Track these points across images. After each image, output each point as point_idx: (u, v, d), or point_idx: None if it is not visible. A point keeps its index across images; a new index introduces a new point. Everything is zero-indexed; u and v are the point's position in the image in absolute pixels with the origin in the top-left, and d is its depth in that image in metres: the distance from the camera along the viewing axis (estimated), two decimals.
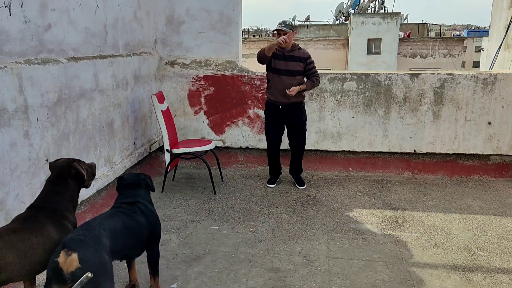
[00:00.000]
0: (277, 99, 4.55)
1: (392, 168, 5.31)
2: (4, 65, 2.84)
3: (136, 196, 2.72)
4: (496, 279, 3.03)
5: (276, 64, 4.50)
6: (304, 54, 4.54)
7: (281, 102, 4.55)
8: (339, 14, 36.28)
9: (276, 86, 4.52)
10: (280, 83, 4.48)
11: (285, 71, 4.49)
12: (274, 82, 4.54)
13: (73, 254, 2.02)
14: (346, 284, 2.96)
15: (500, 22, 6.03)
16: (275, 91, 4.54)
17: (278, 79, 4.50)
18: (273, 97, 4.59)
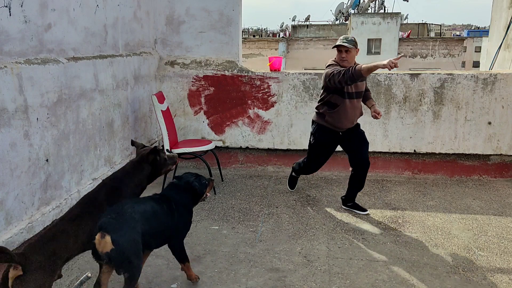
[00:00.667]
0: (342, 126, 3.97)
1: (392, 168, 5.31)
2: (4, 65, 2.85)
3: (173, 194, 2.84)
4: (496, 279, 3.03)
5: (349, 87, 3.83)
6: None
7: (344, 128, 3.99)
8: (339, 14, 36.30)
9: (346, 112, 3.88)
10: (352, 108, 3.89)
11: (356, 94, 3.89)
12: (345, 107, 3.86)
13: (106, 236, 2.25)
14: (346, 284, 2.96)
15: (500, 22, 6.03)
16: (344, 118, 3.91)
17: (350, 103, 3.86)
18: (338, 124, 3.94)
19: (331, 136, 4.04)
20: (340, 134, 4.02)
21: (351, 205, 4.19)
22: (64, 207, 3.48)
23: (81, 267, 3.15)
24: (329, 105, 3.93)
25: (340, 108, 3.87)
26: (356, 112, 3.96)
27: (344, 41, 3.85)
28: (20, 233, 2.95)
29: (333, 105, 3.90)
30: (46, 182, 3.29)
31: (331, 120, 3.94)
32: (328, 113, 3.94)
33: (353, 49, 3.83)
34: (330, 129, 4.00)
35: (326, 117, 3.96)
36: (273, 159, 5.52)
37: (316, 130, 4.09)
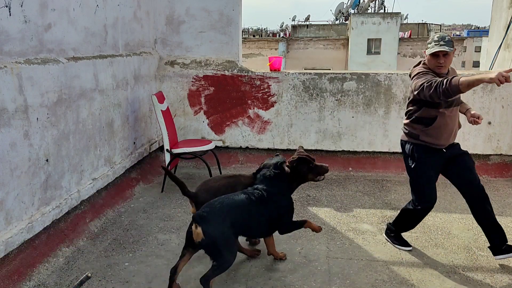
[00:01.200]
0: (442, 141, 3.22)
1: (392, 168, 5.31)
2: (4, 65, 2.84)
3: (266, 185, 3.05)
4: (496, 279, 3.03)
5: None
6: (455, 72, 3.34)
7: (446, 144, 3.25)
8: (339, 14, 36.29)
9: (446, 125, 3.17)
10: (452, 118, 3.19)
11: (455, 102, 3.17)
12: (444, 119, 3.15)
13: (198, 227, 2.62)
14: (346, 284, 2.96)
15: (500, 22, 6.03)
16: (444, 132, 3.19)
17: (449, 113, 3.15)
18: (437, 140, 3.21)
19: (434, 156, 3.26)
20: (444, 151, 3.26)
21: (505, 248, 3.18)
22: (64, 207, 3.48)
23: (81, 267, 3.16)
24: (423, 122, 3.22)
25: (437, 122, 3.15)
26: (455, 121, 3.25)
27: (441, 43, 3.04)
28: (20, 233, 2.95)
29: (428, 121, 3.19)
30: (46, 182, 3.29)
31: (429, 138, 3.22)
32: (422, 132, 3.23)
33: (451, 52, 3.09)
34: (429, 148, 3.25)
35: (421, 136, 3.24)
36: None
37: (413, 150, 3.31)
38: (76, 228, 3.61)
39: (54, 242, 3.32)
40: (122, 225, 3.87)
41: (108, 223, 3.89)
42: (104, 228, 3.80)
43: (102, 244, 3.52)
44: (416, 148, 3.29)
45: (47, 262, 3.15)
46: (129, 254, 3.36)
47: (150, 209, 4.22)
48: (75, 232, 3.57)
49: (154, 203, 4.38)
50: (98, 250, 3.42)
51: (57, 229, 3.42)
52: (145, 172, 5.02)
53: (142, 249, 3.43)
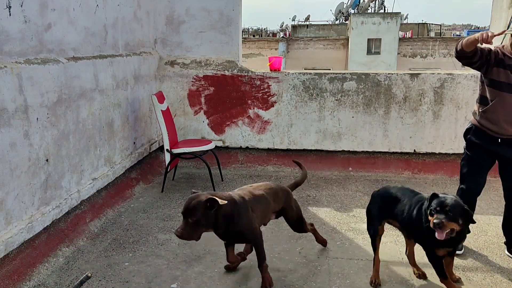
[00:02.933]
0: (500, 130, 3.07)
1: (392, 168, 5.31)
2: (4, 65, 2.84)
3: None
4: (496, 279, 3.03)
5: (503, 75, 2.97)
6: None
7: (505, 134, 3.08)
8: (339, 14, 36.30)
9: (503, 111, 3.01)
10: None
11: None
12: (502, 104, 3.00)
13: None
14: (346, 284, 2.96)
15: (500, 22, 6.02)
16: (500, 118, 3.02)
17: (510, 99, 2.98)
18: (493, 126, 3.07)
19: (486, 142, 3.14)
20: (499, 141, 3.11)
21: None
22: (64, 207, 3.48)
23: (81, 267, 3.16)
24: (481, 101, 3.13)
25: (494, 105, 3.02)
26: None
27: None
28: (20, 233, 2.96)
29: (485, 100, 3.08)
30: (46, 182, 3.29)
31: (484, 121, 3.10)
32: (481, 113, 3.13)
33: None
34: (483, 133, 3.13)
35: (479, 117, 3.14)
36: (273, 159, 5.51)
37: (468, 130, 3.26)
38: (76, 228, 3.61)
39: (54, 242, 3.32)
40: (122, 225, 3.87)
41: (108, 223, 3.89)
42: (104, 228, 3.80)
43: (102, 244, 3.52)
44: (472, 130, 3.22)
45: (47, 262, 3.15)
46: (129, 254, 3.36)
47: (150, 209, 4.22)
48: (75, 232, 3.57)
49: (154, 203, 4.38)
50: (98, 250, 3.42)
51: (57, 229, 3.42)
52: (145, 172, 5.03)
53: (142, 249, 3.43)
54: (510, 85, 2.96)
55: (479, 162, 3.21)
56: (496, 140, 3.12)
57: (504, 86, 2.97)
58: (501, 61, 2.99)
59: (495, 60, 3.00)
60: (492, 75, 3.01)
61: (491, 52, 3.01)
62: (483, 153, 3.19)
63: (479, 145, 3.19)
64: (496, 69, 2.99)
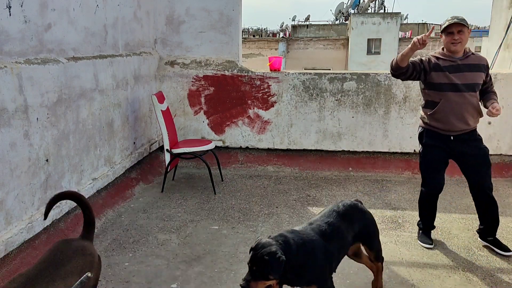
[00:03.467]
0: (449, 127, 3.26)
1: (392, 168, 5.31)
2: (4, 65, 2.84)
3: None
4: (496, 279, 3.03)
5: (443, 77, 3.21)
6: (483, 61, 3.32)
7: (454, 130, 3.26)
8: (339, 14, 36.31)
9: (450, 109, 3.21)
10: (457, 103, 3.20)
11: (462, 86, 3.18)
12: (447, 103, 3.21)
13: None
14: (346, 284, 2.96)
15: (500, 22, 6.03)
16: (449, 116, 3.23)
17: (454, 97, 3.20)
18: (442, 125, 3.27)
19: (439, 141, 3.32)
20: (452, 139, 3.28)
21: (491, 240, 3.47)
22: (64, 207, 3.48)
23: None
24: (427, 105, 3.34)
25: (441, 105, 3.22)
26: (468, 108, 3.20)
27: (455, 20, 3.12)
28: (20, 233, 2.96)
29: (432, 104, 3.28)
30: (46, 182, 3.29)
31: (434, 121, 3.29)
32: (429, 116, 3.31)
33: (466, 31, 3.16)
34: (435, 133, 3.32)
35: (429, 120, 3.32)
36: (273, 159, 5.52)
37: (422, 134, 3.42)
38: (76, 228, 3.61)
39: (54, 242, 3.31)
40: (122, 225, 3.87)
41: (108, 223, 3.89)
42: (104, 228, 3.80)
43: (102, 244, 3.52)
44: (424, 133, 3.40)
45: None
46: (129, 254, 3.36)
47: (150, 209, 4.22)
48: (75, 232, 3.57)
49: (154, 203, 4.38)
50: (98, 250, 3.41)
51: (57, 229, 3.42)
52: (145, 172, 5.03)
53: (142, 249, 3.43)
54: (450, 84, 3.19)
55: (436, 163, 3.39)
56: (449, 138, 3.30)
57: (445, 87, 3.21)
58: (437, 65, 3.23)
59: (430, 66, 3.24)
60: (433, 79, 3.24)
61: (422, 61, 3.27)
62: (439, 154, 3.36)
63: (435, 146, 3.35)
64: (435, 73, 3.23)
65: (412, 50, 3.07)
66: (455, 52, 3.22)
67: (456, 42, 3.18)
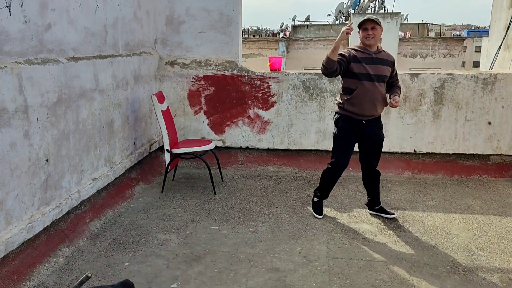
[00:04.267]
0: (363, 112, 3.72)
1: (392, 168, 5.31)
2: (4, 65, 2.84)
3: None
4: (496, 279, 3.03)
5: (361, 67, 3.65)
6: (391, 57, 3.82)
7: (367, 115, 3.75)
8: (339, 14, 36.30)
9: (364, 95, 3.66)
10: (370, 91, 3.66)
11: (375, 76, 3.65)
12: (363, 90, 3.65)
13: None
14: (346, 284, 2.96)
15: (500, 22, 6.03)
16: (363, 102, 3.68)
17: (368, 85, 3.65)
18: (358, 110, 3.71)
19: (353, 125, 3.79)
20: (364, 123, 3.78)
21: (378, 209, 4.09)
22: (64, 207, 3.48)
23: (81, 267, 3.16)
24: (345, 91, 3.75)
25: (357, 93, 3.67)
26: (378, 96, 3.70)
27: (369, 16, 3.71)
28: (20, 233, 2.96)
29: (349, 90, 3.71)
30: (46, 182, 3.29)
31: (350, 106, 3.72)
32: (346, 101, 3.74)
33: (379, 28, 3.66)
34: (349, 118, 3.77)
35: (345, 105, 3.75)
36: (273, 159, 5.52)
37: (338, 119, 3.85)
38: (76, 228, 3.61)
39: (54, 242, 3.32)
40: (122, 225, 3.87)
41: (108, 223, 3.89)
42: (104, 228, 3.81)
43: (102, 244, 3.52)
44: (340, 118, 3.84)
45: (47, 262, 3.15)
46: (129, 254, 3.36)
47: (150, 209, 4.22)
48: (75, 232, 3.57)
49: (154, 203, 4.38)
50: (98, 250, 3.42)
51: (57, 229, 3.42)
52: (145, 172, 5.03)
53: (142, 249, 3.43)
54: (366, 74, 3.65)
55: (348, 146, 3.91)
56: (361, 122, 3.78)
57: (362, 76, 3.66)
58: (355, 57, 3.66)
59: (350, 57, 3.66)
60: (352, 69, 3.67)
61: (344, 55, 3.67)
62: (351, 138, 3.87)
63: (349, 131, 3.83)
64: (354, 64, 3.66)
65: (341, 40, 3.47)
66: (369, 46, 3.70)
67: (370, 37, 3.67)
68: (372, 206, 4.12)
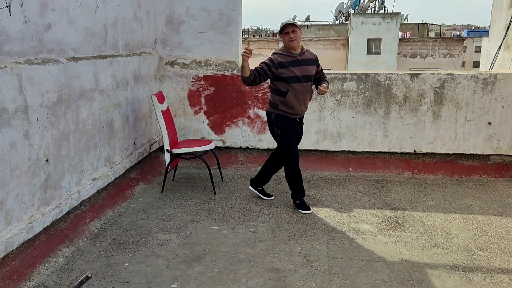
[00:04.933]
0: (297, 112, 4.04)
1: (392, 168, 5.31)
2: (4, 65, 2.84)
3: None
4: (496, 279, 3.03)
5: (289, 72, 3.90)
6: (314, 55, 4.13)
7: (299, 114, 4.10)
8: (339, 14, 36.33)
9: (296, 97, 3.95)
10: (300, 92, 3.97)
11: (303, 77, 3.95)
12: (294, 93, 3.94)
13: None
14: (346, 284, 2.96)
15: (500, 22, 6.03)
16: (295, 104, 3.98)
17: (298, 87, 3.94)
18: (291, 110, 4.00)
19: (292, 123, 4.08)
20: (298, 120, 4.12)
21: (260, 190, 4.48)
22: (64, 207, 3.48)
23: (81, 267, 3.16)
24: (277, 93, 4.01)
25: (290, 95, 3.94)
26: (307, 95, 4.06)
27: (288, 21, 3.94)
28: (20, 233, 2.96)
29: (281, 93, 3.98)
30: (46, 182, 3.29)
31: (285, 107, 4.00)
32: (280, 102, 4.00)
33: (298, 30, 3.93)
34: (288, 118, 4.04)
35: (280, 106, 4.01)
36: None
37: (276, 119, 4.07)
38: (76, 228, 3.61)
39: (54, 242, 3.32)
40: (122, 225, 3.87)
41: (108, 223, 3.90)
42: (104, 228, 3.81)
43: (102, 244, 3.52)
44: (278, 118, 4.05)
45: (47, 262, 3.15)
46: (129, 254, 3.36)
47: (150, 209, 4.22)
48: (75, 232, 3.57)
49: (154, 203, 4.38)
50: (98, 250, 3.42)
51: (57, 229, 3.42)
52: (145, 172, 5.03)
53: (142, 249, 3.43)
54: (294, 77, 3.90)
55: (294, 141, 4.14)
56: (295, 120, 4.10)
57: (291, 80, 3.90)
58: (281, 63, 3.88)
59: (276, 64, 3.88)
60: (282, 74, 3.89)
61: (266, 63, 3.91)
62: (293, 134, 4.11)
63: (290, 128, 4.08)
64: (281, 69, 3.89)
65: (245, 62, 3.74)
66: (293, 48, 3.92)
67: (292, 39, 3.89)
68: (255, 185, 4.48)
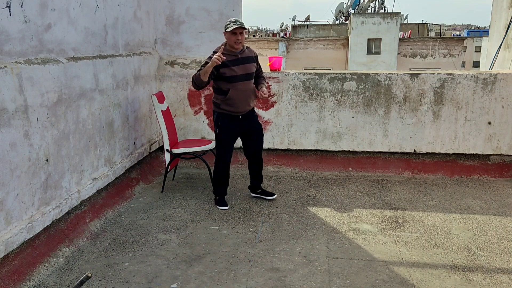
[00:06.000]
0: (238, 109, 4.09)
1: (392, 168, 5.31)
2: (4, 65, 2.85)
3: None
4: (496, 279, 3.03)
5: (231, 71, 3.96)
6: (253, 53, 4.18)
7: (242, 111, 4.12)
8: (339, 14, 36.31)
9: (237, 95, 4.02)
10: (242, 90, 4.04)
11: (244, 76, 4.02)
12: (235, 91, 4.00)
13: None
14: (346, 284, 2.96)
15: (500, 22, 6.03)
16: (237, 101, 4.04)
17: (239, 86, 4.01)
18: (233, 108, 4.06)
19: (231, 122, 4.13)
20: (240, 118, 4.14)
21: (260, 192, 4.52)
22: (64, 207, 3.48)
23: (81, 267, 3.16)
24: (219, 92, 4.08)
25: (230, 94, 4.00)
26: (249, 93, 4.12)
27: (238, 23, 3.90)
28: (20, 233, 2.96)
29: (223, 91, 4.05)
30: (46, 182, 3.29)
31: (226, 106, 4.06)
32: (222, 101, 4.07)
33: (244, 32, 4.01)
34: (227, 115, 4.10)
35: (221, 105, 4.08)
36: (273, 159, 5.51)
37: (218, 118, 4.15)
38: (76, 228, 3.61)
39: (54, 242, 3.32)
40: (122, 225, 3.87)
41: (108, 223, 3.90)
42: (104, 228, 3.81)
43: (102, 244, 3.52)
44: (220, 117, 4.13)
45: (47, 262, 3.15)
46: (129, 254, 3.36)
47: (150, 209, 4.22)
48: (75, 232, 3.57)
49: (154, 203, 4.39)
50: (98, 250, 3.42)
51: (57, 229, 3.42)
52: (145, 172, 5.03)
53: (142, 249, 3.43)
54: (236, 76, 3.97)
55: (230, 142, 4.22)
56: (238, 117, 4.13)
57: (232, 79, 3.98)
58: (223, 63, 3.88)
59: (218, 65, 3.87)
60: (224, 74, 3.96)
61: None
62: (232, 133, 4.18)
63: (229, 128, 4.14)
64: (223, 69, 3.93)
65: (212, 66, 3.80)
66: (236, 48, 4.00)
67: (239, 42, 3.96)
68: (254, 190, 4.51)
